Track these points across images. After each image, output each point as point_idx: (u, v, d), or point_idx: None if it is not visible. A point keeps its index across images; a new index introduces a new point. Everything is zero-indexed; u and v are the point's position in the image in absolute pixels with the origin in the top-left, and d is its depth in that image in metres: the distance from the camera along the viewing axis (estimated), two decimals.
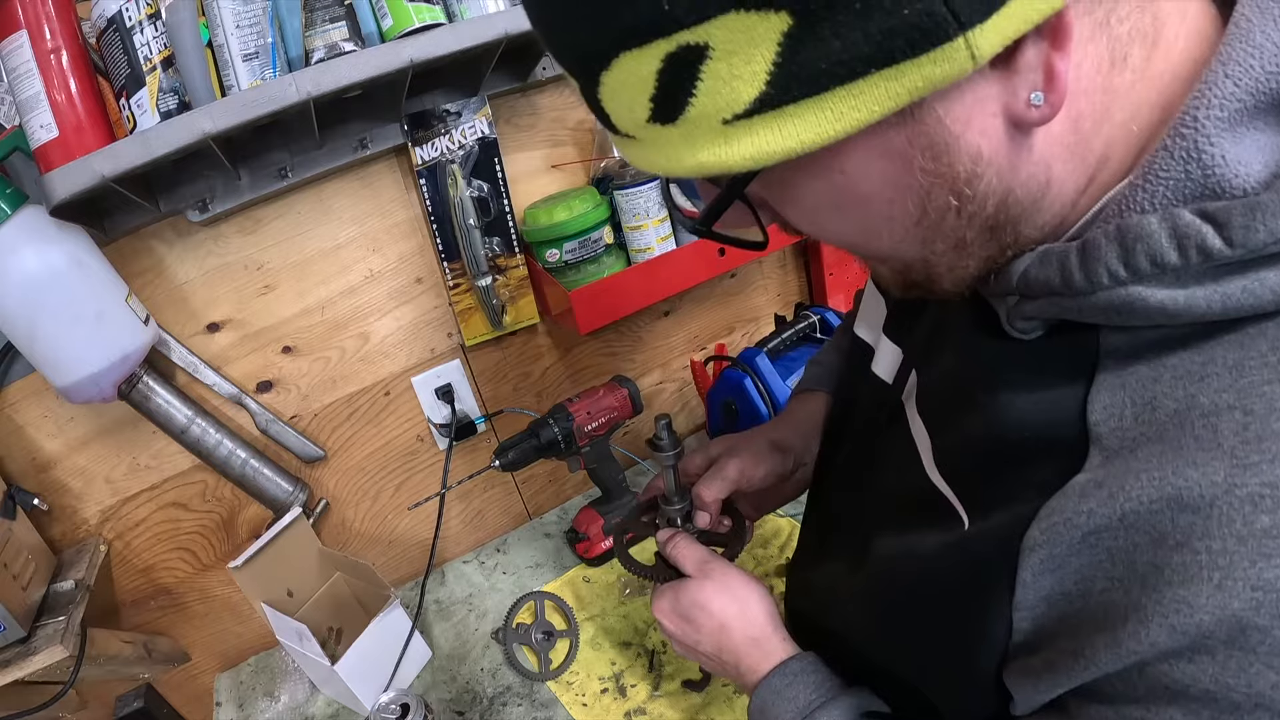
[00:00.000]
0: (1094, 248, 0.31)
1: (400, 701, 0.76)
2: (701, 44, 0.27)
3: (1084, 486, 0.32)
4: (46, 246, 0.71)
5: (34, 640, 0.77)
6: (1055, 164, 0.31)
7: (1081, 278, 0.31)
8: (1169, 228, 0.28)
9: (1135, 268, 0.29)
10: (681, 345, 1.23)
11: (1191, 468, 0.29)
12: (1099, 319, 0.32)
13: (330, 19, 0.73)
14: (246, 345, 0.92)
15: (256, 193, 0.84)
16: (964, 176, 0.30)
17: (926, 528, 0.42)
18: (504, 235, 0.97)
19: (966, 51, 0.25)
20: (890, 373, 0.52)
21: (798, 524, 1.02)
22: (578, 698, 0.85)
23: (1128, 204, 0.31)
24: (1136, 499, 0.30)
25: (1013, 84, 0.28)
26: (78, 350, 0.75)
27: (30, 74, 0.66)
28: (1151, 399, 0.31)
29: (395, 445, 1.06)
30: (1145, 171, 0.30)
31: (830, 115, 0.27)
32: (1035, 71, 0.28)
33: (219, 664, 1.05)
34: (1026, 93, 0.28)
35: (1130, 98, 0.30)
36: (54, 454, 0.88)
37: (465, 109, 0.90)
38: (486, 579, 1.08)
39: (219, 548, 1.00)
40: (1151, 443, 0.30)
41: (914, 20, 0.25)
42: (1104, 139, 0.31)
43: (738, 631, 0.56)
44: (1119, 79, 0.29)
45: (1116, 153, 0.31)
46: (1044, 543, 0.33)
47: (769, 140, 0.28)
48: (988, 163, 0.30)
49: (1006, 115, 0.29)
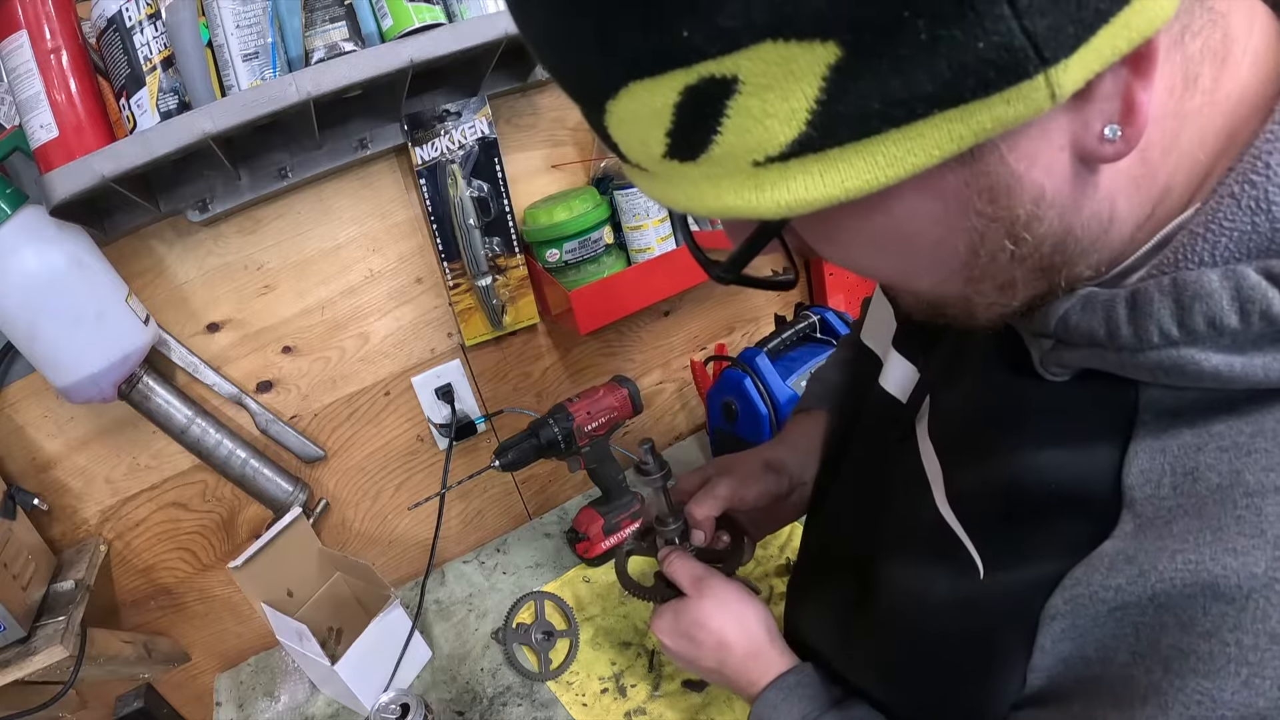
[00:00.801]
0: (1146, 301, 0.28)
1: (400, 701, 0.76)
2: (729, 77, 0.23)
3: (1113, 559, 0.30)
4: (46, 246, 0.71)
5: (34, 640, 0.77)
6: (1120, 199, 0.28)
7: (1130, 333, 0.28)
8: (1231, 288, 0.26)
9: (1190, 328, 0.27)
10: (681, 345, 1.23)
11: (1230, 555, 0.27)
12: (1143, 376, 0.30)
13: (330, 19, 0.73)
14: (246, 345, 0.92)
15: (256, 193, 0.84)
16: (1023, 219, 0.27)
17: (937, 566, 0.40)
18: (504, 235, 0.97)
19: (1046, 90, 0.22)
20: (903, 390, 0.50)
21: (797, 525, 1.02)
22: (578, 698, 0.85)
23: (1186, 254, 0.28)
24: (1170, 580, 0.28)
25: (1085, 115, 0.24)
26: (78, 350, 0.75)
27: (30, 74, 0.66)
28: (1193, 469, 0.28)
29: (395, 445, 1.06)
30: (1209, 220, 0.27)
31: (881, 160, 0.24)
32: (1112, 101, 0.24)
33: (219, 664, 1.05)
34: (1100, 125, 0.24)
35: (1198, 123, 0.27)
36: (54, 454, 0.88)
37: (465, 109, 0.90)
38: (486, 579, 1.08)
39: (219, 548, 1.00)
40: (1189, 517, 0.28)
41: (989, 55, 0.21)
42: (1169, 169, 0.28)
43: (737, 647, 0.56)
44: (1189, 103, 0.26)
45: (1179, 182, 0.28)
46: (1067, 613, 0.32)
47: (807, 187, 0.25)
48: (1050, 203, 0.27)
49: (1075, 149, 0.25)
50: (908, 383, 0.49)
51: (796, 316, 1.14)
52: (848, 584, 0.51)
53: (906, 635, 0.44)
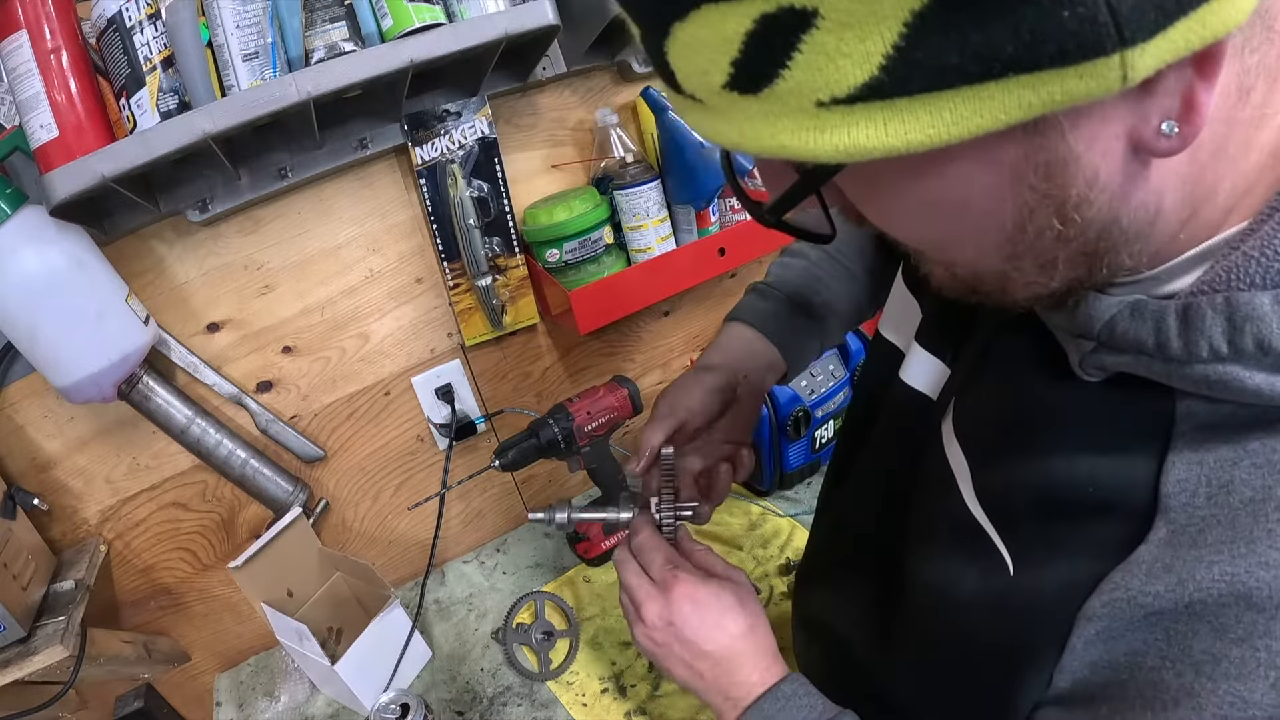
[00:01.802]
0: (1198, 318, 0.29)
1: (400, 701, 0.76)
2: (809, 9, 0.23)
3: (1151, 565, 0.32)
4: (46, 247, 0.71)
5: (34, 640, 0.77)
6: (1168, 194, 0.28)
7: (1180, 346, 0.30)
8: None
9: (1239, 347, 0.28)
10: (681, 345, 1.23)
11: (1263, 568, 0.29)
12: (1187, 387, 0.31)
13: (330, 19, 0.73)
14: (246, 345, 0.92)
15: (256, 193, 0.84)
16: (1074, 200, 0.28)
17: (964, 563, 0.41)
18: (504, 235, 0.97)
19: (1120, 71, 0.22)
20: (931, 387, 0.49)
21: (798, 524, 1.02)
22: (578, 698, 0.85)
23: (1239, 275, 0.29)
24: (1206, 589, 0.30)
25: (1145, 107, 0.25)
26: (78, 350, 0.75)
27: (30, 74, 0.66)
28: (1228, 482, 0.30)
29: (395, 445, 1.06)
30: (1264, 245, 0.28)
31: (948, 117, 0.23)
32: (1173, 98, 0.24)
33: (219, 664, 1.05)
34: (1159, 120, 0.25)
35: (1247, 134, 0.28)
36: (54, 454, 0.88)
37: (465, 109, 0.90)
38: (486, 579, 1.08)
39: (219, 548, 1.00)
40: (1222, 527, 0.30)
41: (1073, 26, 0.21)
42: (1216, 173, 0.29)
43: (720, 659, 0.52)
44: (1241, 113, 0.27)
45: (1224, 188, 0.29)
46: (1104, 615, 0.33)
47: (869, 134, 0.24)
48: (1102, 188, 0.27)
49: (1131, 139, 0.26)
50: (935, 379, 0.49)
51: None
52: (870, 577, 0.51)
53: (933, 630, 0.44)
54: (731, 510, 1.08)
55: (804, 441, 1.04)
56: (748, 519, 1.06)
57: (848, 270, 0.70)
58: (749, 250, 1.01)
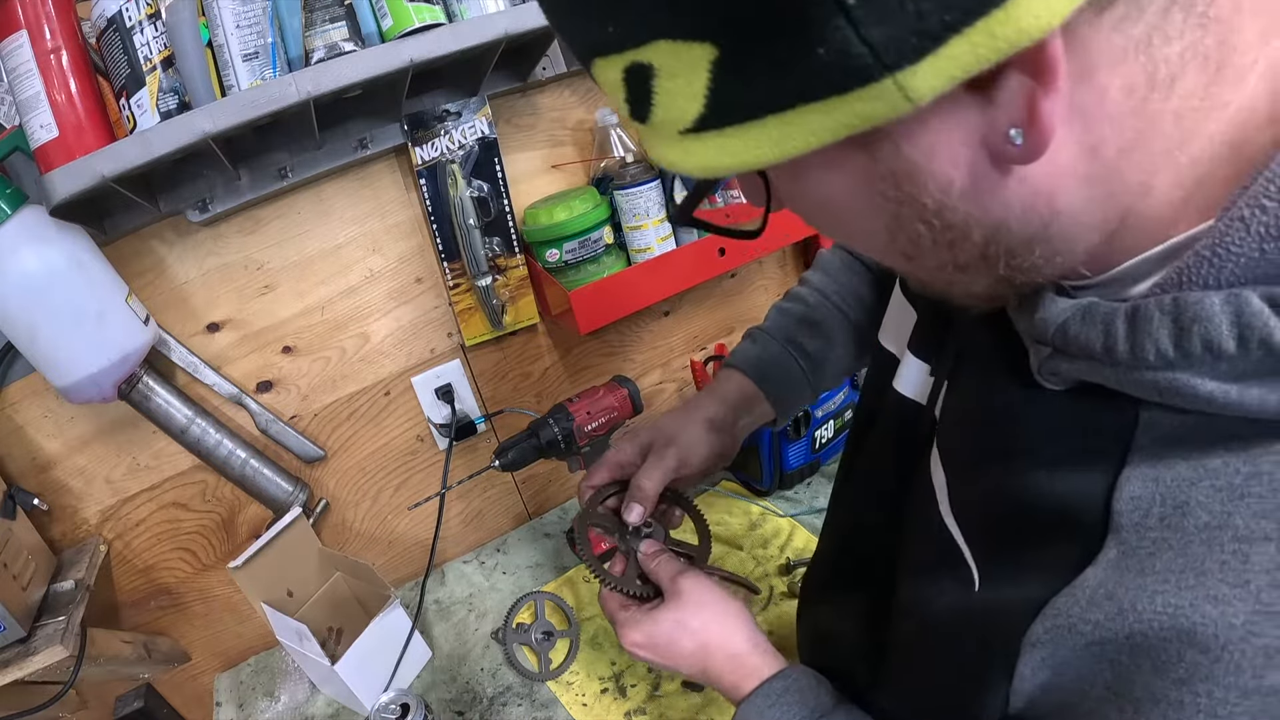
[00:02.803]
0: (1145, 319, 0.28)
1: (400, 701, 0.76)
2: (646, 63, 0.27)
3: (1094, 591, 0.30)
4: (46, 247, 0.71)
5: (34, 640, 0.77)
6: (1062, 195, 0.27)
7: (1126, 350, 0.28)
8: (1232, 313, 0.25)
9: (1187, 351, 0.26)
10: (681, 345, 1.23)
11: (1210, 603, 0.27)
12: (1138, 393, 0.29)
13: (330, 19, 0.73)
14: (246, 345, 0.92)
15: (256, 193, 0.84)
16: (932, 207, 0.28)
17: (942, 578, 0.40)
18: (504, 235, 0.97)
19: (899, 93, 0.23)
20: (922, 394, 0.49)
21: (797, 524, 1.02)
22: (578, 698, 0.85)
23: (1190, 275, 0.27)
24: (1147, 622, 0.28)
25: (991, 115, 0.25)
26: (78, 350, 0.75)
27: (30, 74, 0.66)
28: (1184, 503, 0.28)
29: (395, 445, 1.06)
30: (1215, 244, 0.26)
31: (767, 141, 0.26)
32: (1016, 105, 0.24)
33: (219, 664, 1.05)
34: (1005, 127, 0.25)
35: (1179, 126, 0.26)
36: (54, 454, 0.88)
37: (465, 109, 0.90)
38: (486, 579, 1.08)
39: (219, 548, 1.00)
40: (1173, 553, 0.28)
41: (833, 60, 0.23)
42: (1139, 168, 0.27)
43: (719, 650, 0.54)
44: (1160, 105, 0.26)
45: (1162, 184, 0.28)
46: (1046, 642, 0.32)
47: (717, 155, 0.28)
48: (961, 195, 0.27)
49: (986, 147, 0.26)
50: (925, 386, 0.49)
51: None
52: (867, 587, 0.50)
53: (910, 644, 0.43)
54: (731, 510, 1.08)
55: (804, 441, 1.04)
56: (748, 519, 1.06)
57: (844, 316, 0.69)
58: (749, 250, 1.01)
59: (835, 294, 0.70)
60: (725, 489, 1.12)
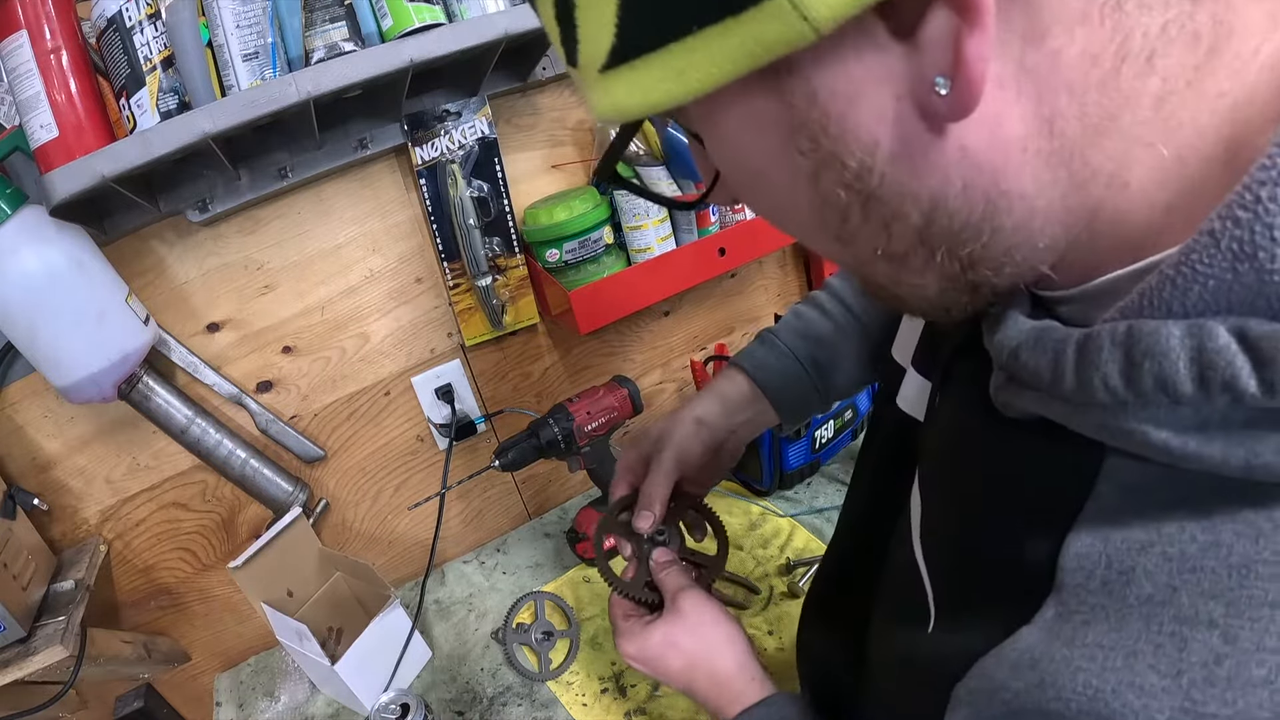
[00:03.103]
0: (1094, 349, 0.24)
1: (400, 701, 0.76)
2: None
3: (1020, 657, 0.28)
4: (46, 247, 0.71)
5: (34, 640, 0.77)
6: (1012, 172, 0.24)
7: (1073, 383, 0.25)
8: (1192, 348, 0.21)
9: (1139, 389, 0.23)
10: (681, 345, 1.23)
11: (1134, 691, 0.24)
12: (1091, 435, 0.26)
13: (330, 19, 0.73)
14: (246, 345, 0.92)
15: (256, 193, 0.84)
16: (855, 169, 0.25)
17: (904, 611, 0.38)
18: (504, 235, 0.97)
19: (794, 13, 0.21)
20: (919, 410, 0.47)
21: (797, 524, 1.02)
22: (578, 698, 0.85)
23: (1152, 298, 0.23)
24: (1065, 701, 0.25)
25: (917, 61, 0.22)
26: (78, 350, 0.75)
27: (30, 74, 0.66)
28: (1129, 570, 0.25)
29: (395, 445, 1.06)
30: (1180, 261, 0.22)
31: (671, 73, 0.24)
32: (943, 49, 0.21)
33: (219, 664, 1.05)
34: (932, 74, 0.22)
35: (1160, 112, 0.23)
36: (54, 454, 0.88)
37: (465, 109, 0.90)
38: (486, 579, 1.08)
39: (219, 548, 1.00)
40: (1107, 625, 0.25)
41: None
42: (1109, 155, 0.23)
43: (704, 673, 0.54)
44: (1135, 82, 0.22)
45: (1140, 178, 0.24)
46: (968, 702, 0.30)
47: (628, 93, 0.26)
48: (890, 158, 0.24)
49: (914, 100, 0.23)
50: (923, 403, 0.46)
51: None
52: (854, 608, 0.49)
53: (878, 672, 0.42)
54: (731, 510, 1.08)
55: (804, 442, 1.04)
56: (748, 519, 1.06)
57: (861, 324, 0.66)
58: (749, 250, 1.01)
59: (854, 301, 0.67)
60: (725, 489, 1.12)
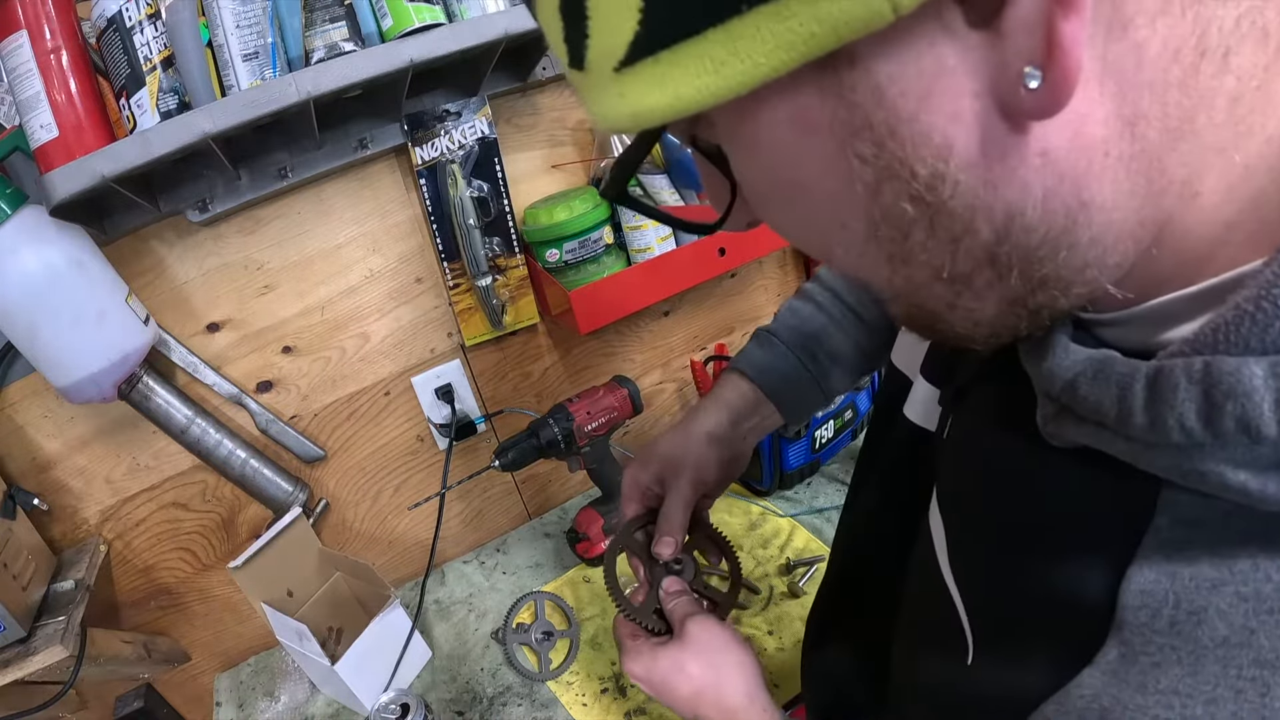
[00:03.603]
0: (1169, 387, 0.22)
1: (400, 701, 0.76)
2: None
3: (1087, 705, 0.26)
4: (46, 247, 0.71)
5: (34, 640, 0.77)
6: (1093, 180, 0.21)
7: (1144, 422, 0.23)
8: (1277, 389, 0.20)
9: (1219, 431, 0.21)
10: (681, 345, 1.23)
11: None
12: (1157, 472, 0.24)
13: (330, 19, 0.73)
14: (246, 345, 0.92)
15: (256, 193, 0.84)
16: (924, 179, 0.22)
17: (936, 641, 0.36)
18: (504, 235, 0.97)
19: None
20: (931, 421, 0.45)
21: (797, 524, 1.02)
22: (578, 698, 0.85)
23: (1230, 333, 0.21)
24: None
25: (1001, 51, 0.19)
26: (78, 350, 0.75)
27: (30, 74, 0.66)
28: (1201, 609, 0.23)
29: (395, 445, 1.06)
30: (1260, 296, 0.20)
31: (709, 65, 0.21)
32: (1033, 34, 0.19)
33: (219, 664, 1.05)
34: (1019, 64, 0.19)
35: (1233, 114, 0.21)
36: (54, 454, 0.88)
37: (465, 109, 0.90)
38: (486, 579, 1.08)
39: (219, 548, 1.00)
40: (1181, 669, 0.24)
41: None
42: (1185, 161, 0.21)
43: (711, 703, 0.53)
44: (1213, 80, 0.20)
45: (1210, 186, 0.22)
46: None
47: (650, 94, 0.22)
48: (965, 165, 0.21)
49: (995, 97, 0.20)
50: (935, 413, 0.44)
51: None
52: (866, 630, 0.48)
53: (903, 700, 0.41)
54: (731, 510, 1.08)
55: (804, 441, 1.04)
56: (748, 519, 1.06)
57: (857, 316, 0.64)
58: (749, 250, 1.01)
59: (848, 292, 0.66)
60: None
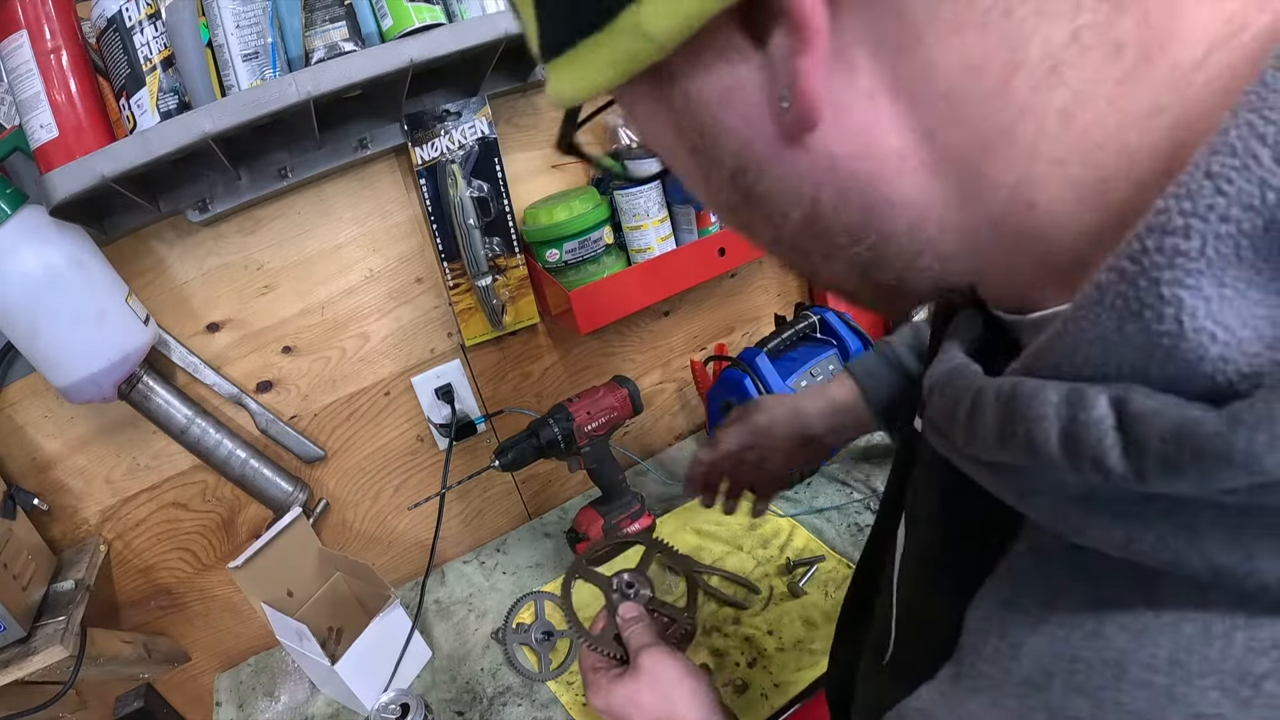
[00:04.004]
0: (982, 404, 0.22)
1: (400, 701, 0.76)
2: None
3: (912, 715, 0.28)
4: (46, 247, 0.71)
5: (34, 640, 0.77)
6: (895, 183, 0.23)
7: (963, 434, 0.23)
8: (1066, 417, 0.19)
9: (1014, 450, 0.21)
10: (681, 345, 1.23)
11: None
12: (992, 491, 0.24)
13: (330, 19, 0.73)
14: (246, 345, 0.92)
15: (256, 193, 0.84)
16: (730, 167, 0.25)
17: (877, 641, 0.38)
18: (504, 235, 0.97)
19: (637, 31, 0.21)
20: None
21: (797, 524, 1.02)
22: (578, 698, 0.85)
23: (1043, 354, 0.21)
24: None
25: (771, 75, 0.22)
26: (78, 350, 0.75)
27: (30, 74, 0.66)
28: (1018, 645, 0.23)
29: (395, 445, 1.06)
30: (1069, 318, 0.20)
31: (574, 73, 0.25)
32: (783, 65, 0.21)
33: (219, 664, 1.05)
34: (778, 89, 0.22)
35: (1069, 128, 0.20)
36: (54, 454, 0.88)
37: (465, 109, 0.90)
38: (486, 579, 1.08)
39: (219, 548, 1.00)
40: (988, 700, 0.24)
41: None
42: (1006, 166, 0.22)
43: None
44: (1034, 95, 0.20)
45: (1052, 196, 0.21)
46: None
47: (556, 83, 0.27)
48: (761, 159, 0.24)
49: (771, 109, 0.23)
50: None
51: (796, 316, 1.14)
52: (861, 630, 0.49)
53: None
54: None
55: None
56: (748, 519, 1.06)
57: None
58: (749, 250, 1.01)
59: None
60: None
